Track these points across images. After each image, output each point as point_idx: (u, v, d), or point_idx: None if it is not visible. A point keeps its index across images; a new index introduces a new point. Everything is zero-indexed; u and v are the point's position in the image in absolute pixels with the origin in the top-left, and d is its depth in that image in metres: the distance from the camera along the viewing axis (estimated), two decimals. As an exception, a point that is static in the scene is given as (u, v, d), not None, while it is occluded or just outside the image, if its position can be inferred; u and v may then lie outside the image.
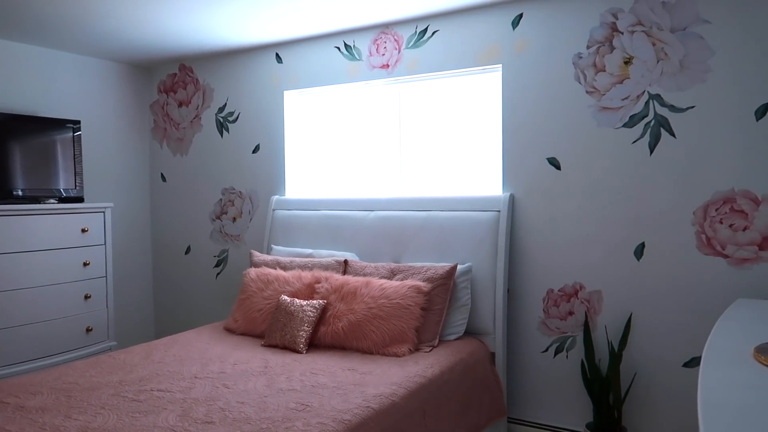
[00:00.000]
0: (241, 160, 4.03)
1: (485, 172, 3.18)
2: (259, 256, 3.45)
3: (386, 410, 2.07)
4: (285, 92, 3.81)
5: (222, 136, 4.11)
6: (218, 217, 4.16)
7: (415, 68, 3.30)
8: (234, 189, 4.07)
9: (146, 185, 4.50)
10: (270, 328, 2.87)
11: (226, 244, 4.12)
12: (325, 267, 3.17)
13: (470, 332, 2.95)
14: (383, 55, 3.40)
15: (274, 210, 3.77)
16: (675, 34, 2.61)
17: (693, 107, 2.59)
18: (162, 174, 4.44)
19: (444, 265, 2.90)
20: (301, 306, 2.85)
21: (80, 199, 3.70)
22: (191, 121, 4.25)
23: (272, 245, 3.66)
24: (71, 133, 3.68)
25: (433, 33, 3.23)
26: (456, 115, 3.27)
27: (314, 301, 2.86)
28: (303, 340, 2.74)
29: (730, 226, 2.54)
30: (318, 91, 3.72)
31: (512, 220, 3.02)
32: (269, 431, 1.83)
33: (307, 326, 2.78)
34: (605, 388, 2.69)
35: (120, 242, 4.23)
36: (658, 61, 2.65)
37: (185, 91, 4.27)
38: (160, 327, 4.49)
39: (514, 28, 2.99)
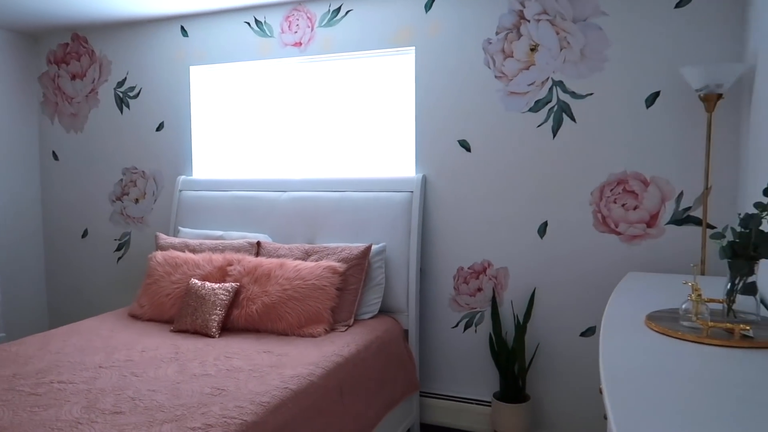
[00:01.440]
0: (143, 138, 3.82)
1: (399, 153, 3.22)
2: (165, 238, 3.31)
3: (304, 390, 2.08)
4: (191, 67, 3.64)
5: (122, 112, 3.87)
6: (119, 199, 3.93)
7: (329, 47, 3.27)
8: (136, 168, 3.86)
9: (35, 164, 4.15)
10: (180, 313, 2.77)
11: (128, 227, 3.91)
12: (237, 249, 3.09)
13: (384, 311, 3.00)
14: (296, 32, 3.34)
15: (180, 191, 3.62)
16: (577, 24, 2.76)
17: (592, 94, 2.76)
18: (54, 152, 4.11)
19: (358, 246, 2.92)
20: (213, 289, 2.77)
21: (-42, 179, 3.36)
22: (86, 96, 3.96)
23: (179, 227, 3.51)
24: (-54, 105, 3.32)
25: (347, 12, 3.20)
26: (370, 95, 3.28)
27: (226, 284, 2.79)
28: (215, 324, 2.67)
29: (623, 205, 2.75)
30: (227, 68, 3.59)
31: (425, 200, 3.10)
32: (184, 418, 1.78)
33: (219, 310, 2.71)
34: (511, 359, 2.84)
35: (6, 226, 3.89)
36: (561, 50, 2.79)
37: (79, 63, 3.97)
38: (54, 317, 4.20)
39: (426, 11, 3.03)
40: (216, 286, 2.79)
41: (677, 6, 2.60)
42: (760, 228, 1.59)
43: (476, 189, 3.01)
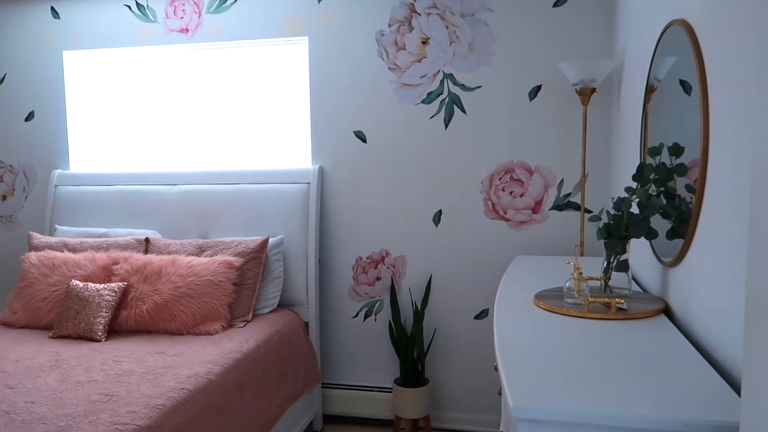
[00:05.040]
0: (10, 129, 3.48)
1: (294, 144, 3.18)
2: (40, 238, 3.04)
3: (203, 389, 2.00)
4: (64, 52, 3.37)
5: (-17, 100, 3.49)
6: (-17, 196, 3.55)
7: (218, 35, 3.15)
8: (2, 162, 3.51)
9: None
10: (59, 318, 2.57)
11: (-6, 227, 3.55)
12: (123, 247, 2.91)
13: (284, 304, 2.96)
14: (182, 18, 3.18)
15: (56, 186, 3.34)
16: (465, 19, 2.86)
17: (480, 87, 2.88)
18: None
19: (255, 239, 2.85)
20: (97, 290, 2.59)
21: None
22: (-61, 81, 3.54)
23: (56, 225, 3.24)
24: None
25: (237, -1, 3.10)
26: (264, 85, 3.20)
27: (112, 284, 2.62)
28: (101, 327, 2.50)
29: (510, 193, 2.90)
30: (106, 53, 3.35)
31: (322, 191, 3.08)
32: (69, 428, 1.65)
33: (105, 312, 2.54)
34: (410, 345, 2.91)
35: None
36: (451, 43, 2.89)
37: (-72, 44, 3.53)
38: None
39: (319, 1, 3.01)
40: (101, 286, 2.61)
41: (555, 5, 2.77)
42: (630, 210, 1.74)
43: (373, 179, 3.04)
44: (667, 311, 1.68)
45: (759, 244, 0.75)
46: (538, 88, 2.82)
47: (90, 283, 2.64)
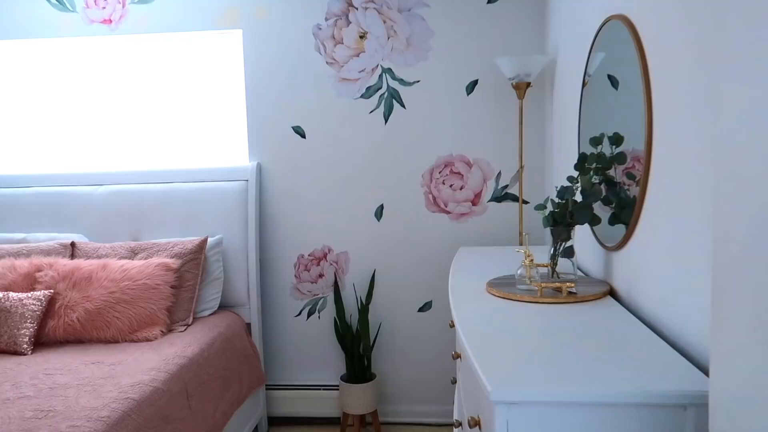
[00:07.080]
0: None
1: (231, 140, 3.08)
2: (-52, 246, 2.78)
3: (148, 398, 1.90)
4: (-31, 43, 3.10)
5: None
6: None
7: (144, 26, 2.99)
8: None
9: None
10: (-23, 332, 2.36)
11: None
12: (47, 252, 2.72)
13: (224, 305, 2.87)
14: (104, 8, 3.00)
15: (-36, 189, 3.07)
16: (402, 13, 2.87)
17: (418, 81, 2.91)
18: None
19: (193, 239, 2.74)
20: (20, 300, 2.40)
21: None
22: None
23: (-34, 232, 2.98)
24: None
25: (164, -11, 2.96)
26: (197, 80, 3.08)
27: (37, 293, 2.44)
28: (27, 339, 2.32)
29: (450, 186, 2.95)
30: (17, 45, 3.10)
31: (260, 189, 3.01)
32: (4, 449, 1.52)
33: (30, 322, 2.36)
34: (356, 340, 2.90)
35: None
36: (388, 38, 2.89)
37: None
38: None
39: (253, -7, 2.93)
40: (23, 295, 2.42)
41: (489, 2, 2.84)
42: (574, 198, 1.81)
43: (313, 175, 3.00)
44: (611, 293, 1.77)
45: (723, 227, 0.79)
46: (475, 82, 2.88)
47: (11, 293, 2.44)
